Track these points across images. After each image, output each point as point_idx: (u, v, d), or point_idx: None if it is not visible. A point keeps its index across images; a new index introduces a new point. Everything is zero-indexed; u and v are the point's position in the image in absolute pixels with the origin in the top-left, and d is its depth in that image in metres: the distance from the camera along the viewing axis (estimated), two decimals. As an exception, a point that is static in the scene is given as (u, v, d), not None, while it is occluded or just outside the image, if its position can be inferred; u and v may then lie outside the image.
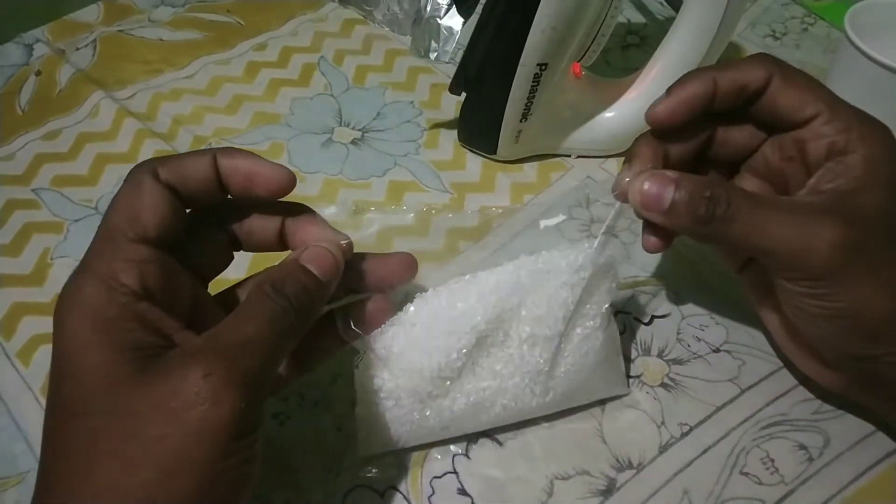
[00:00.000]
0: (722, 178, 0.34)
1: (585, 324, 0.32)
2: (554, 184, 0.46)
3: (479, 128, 0.46)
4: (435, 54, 0.42)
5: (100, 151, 0.48)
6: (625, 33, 0.58)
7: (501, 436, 0.34)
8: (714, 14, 0.40)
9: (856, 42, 0.43)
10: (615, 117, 0.46)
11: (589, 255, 0.31)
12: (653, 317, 0.39)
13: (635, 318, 0.39)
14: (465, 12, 0.41)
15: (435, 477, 0.33)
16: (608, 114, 0.46)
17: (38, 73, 0.53)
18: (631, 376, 0.36)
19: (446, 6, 0.41)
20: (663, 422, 0.35)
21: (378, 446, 0.32)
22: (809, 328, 0.31)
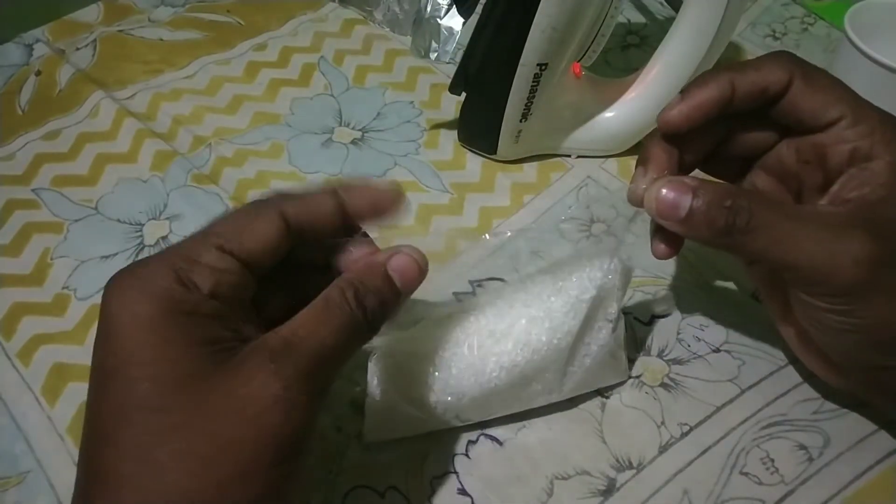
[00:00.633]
0: (744, 187, 0.33)
1: (599, 326, 0.32)
2: (554, 184, 0.46)
3: (479, 128, 0.46)
4: (435, 54, 0.42)
5: (100, 151, 0.48)
6: (625, 33, 0.58)
7: (501, 436, 0.34)
8: (714, 14, 0.40)
9: (856, 42, 0.43)
10: (615, 117, 0.46)
11: (609, 271, 0.32)
12: (653, 317, 0.39)
13: (635, 318, 0.39)
14: (465, 12, 0.41)
15: (435, 477, 0.33)
16: (608, 114, 0.46)
17: (38, 73, 0.53)
18: (631, 376, 0.36)
19: (446, 6, 0.41)
20: (663, 422, 0.35)
21: (385, 434, 0.32)
22: (824, 338, 0.30)
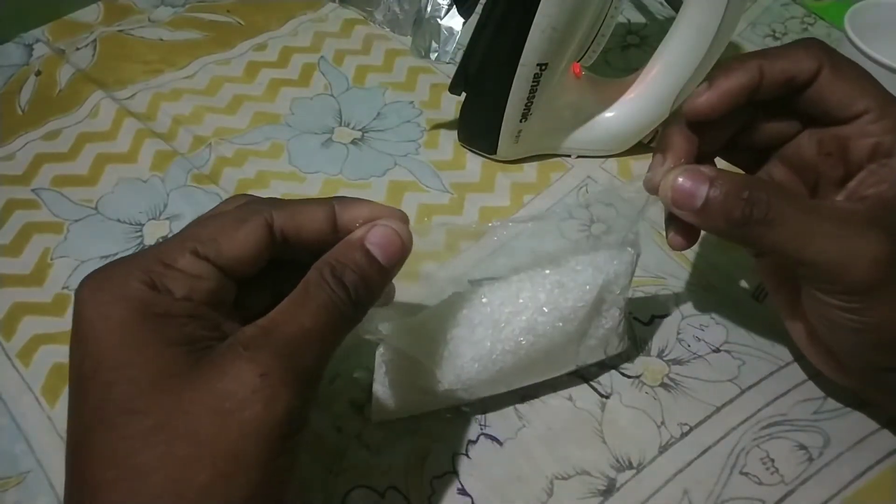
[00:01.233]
0: (764, 179, 0.32)
1: (607, 308, 0.32)
2: (554, 184, 0.46)
3: (479, 128, 0.46)
4: (435, 55, 0.42)
5: (100, 151, 0.48)
6: (625, 33, 0.58)
7: (501, 436, 0.34)
8: (714, 14, 0.40)
9: (856, 42, 0.43)
10: (615, 117, 0.46)
11: (619, 258, 0.32)
12: (653, 317, 0.39)
13: (635, 318, 0.39)
14: (466, 12, 0.41)
15: (435, 477, 0.33)
16: (608, 114, 0.46)
17: (38, 73, 0.53)
18: (631, 376, 0.36)
19: (446, 6, 0.41)
20: (663, 422, 0.35)
21: (392, 413, 0.32)
22: (833, 336, 0.29)
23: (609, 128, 0.46)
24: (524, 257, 0.39)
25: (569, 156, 0.48)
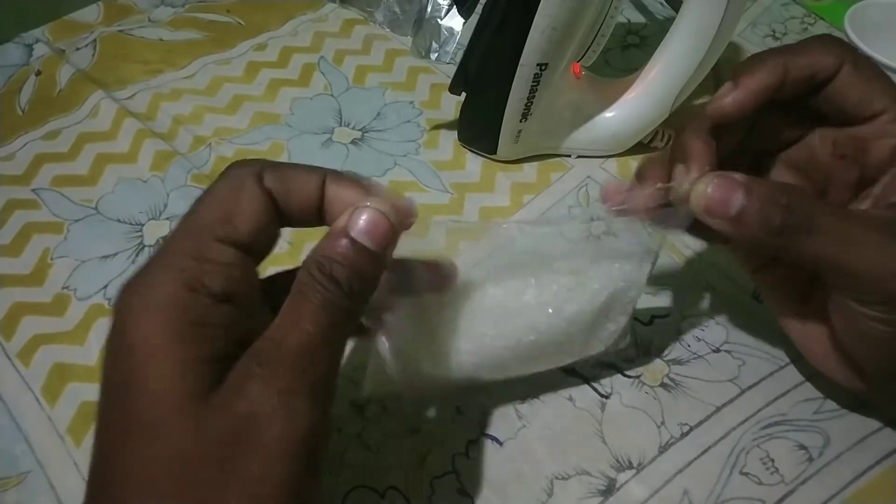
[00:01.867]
0: (797, 185, 0.31)
1: (623, 307, 0.32)
2: (554, 184, 0.46)
3: (479, 128, 0.46)
4: (435, 55, 0.42)
5: (100, 151, 0.48)
6: (625, 33, 0.58)
7: (501, 436, 0.34)
8: (714, 14, 0.40)
9: (856, 42, 0.43)
10: (615, 117, 0.46)
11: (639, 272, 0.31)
12: (653, 317, 0.39)
13: (635, 319, 0.38)
14: (466, 12, 0.41)
15: (435, 477, 0.33)
16: (608, 114, 0.46)
17: (38, 73, 0.53)
18: (631, 376, 0.36)
19: (447, 7, 0.41)
20: (663, 422, 0.35)
21: (386, 387, 0.31)
22: (860, 345, 0.29)
23: (609, 128, 0.46)
24: (527, 257, 0.39)
25: (569, 156, 0.48)
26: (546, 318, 0.31)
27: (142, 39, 0.56)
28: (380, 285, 0.25)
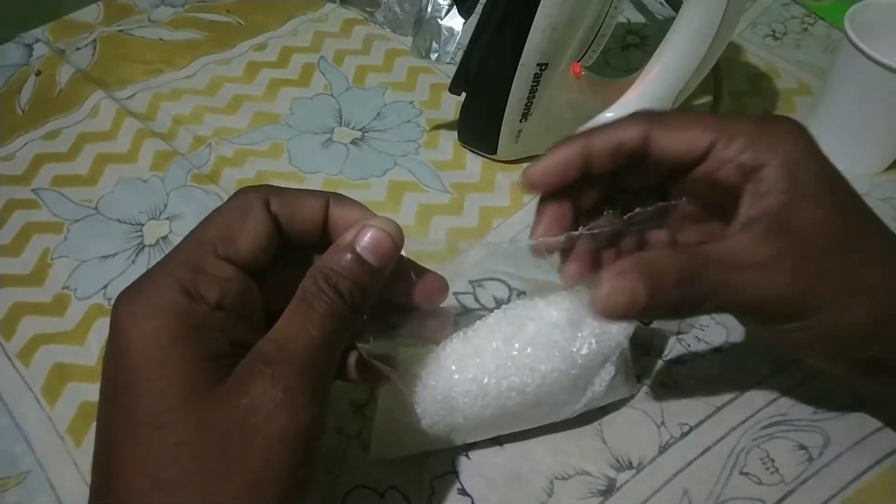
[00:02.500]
0: (679, 251, 0.29)
1: (610, 355, 0.32)
2: (554, 184, 0.46)
3: (479, 128, 0.46)
4: (436, 55, 0.42)
5: (100, 151, 0.48)
6: (625, 33, 0.58)
7: (502, 436, 0.34)
8: (714, 14, 0.40)
9: (856, 42, 0.43)
10: (615, 117, 0.46)
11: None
12: (653, 317, 0.39)
13: (635, 318, 0.39)
14: (466, 13, 0.41)
15: (435, 477, 0.33)
16: (608, 114, 0.46)
17: (38, 73, 0.53)
18: (641, 382, 0.36)
19: (447, 7, 0.41)
20: (663, 422, 0.35)
21: (392, 452, 0.32)
22: (803, 355, 0.30)
23: (609, 128, 0.46)
24: (524, 258, 0.39)
25: (569, 156, 0.48)
26: (544, 365, 0.30)
27: (142, 39, 0.56)
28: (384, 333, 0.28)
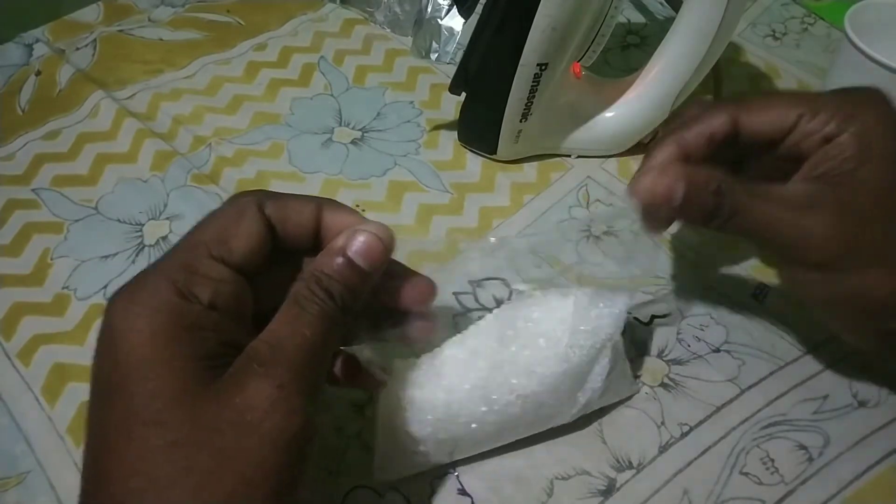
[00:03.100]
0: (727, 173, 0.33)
1: (603, 357, 0.32)
2: (554, 184, 0.46)
3: (479, 128, 0.46)
4: (436, 55, 0.42)
5: (100, 151, 0.48)
6: (625, 33, 0.58)
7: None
8: (714, 14, 0.40)
9: (856, 42, 0.43)
10: (615, 117, 0.46)
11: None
12: (653, 317, 0.39)
13: (635, 319, 0.38)
14: (466, 12, 0.41)
15: (435, 477, 0.33)
16: (608, 114, 0.46)
17: (38, 73, 0.53)
18: (641, 383, 0.36)
19: (447, 7, 0.41)
20: (663, 422, 0.35)
21: (395, 474, 0.32)
22: (815, 307, 0.32)
23: (609, 128, 0.46)
24: (524, 258, 0.39)
25: (569, 156, 0.48)
26: (540, 369, 0.31)
27: (142, 39, 0.56)
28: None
